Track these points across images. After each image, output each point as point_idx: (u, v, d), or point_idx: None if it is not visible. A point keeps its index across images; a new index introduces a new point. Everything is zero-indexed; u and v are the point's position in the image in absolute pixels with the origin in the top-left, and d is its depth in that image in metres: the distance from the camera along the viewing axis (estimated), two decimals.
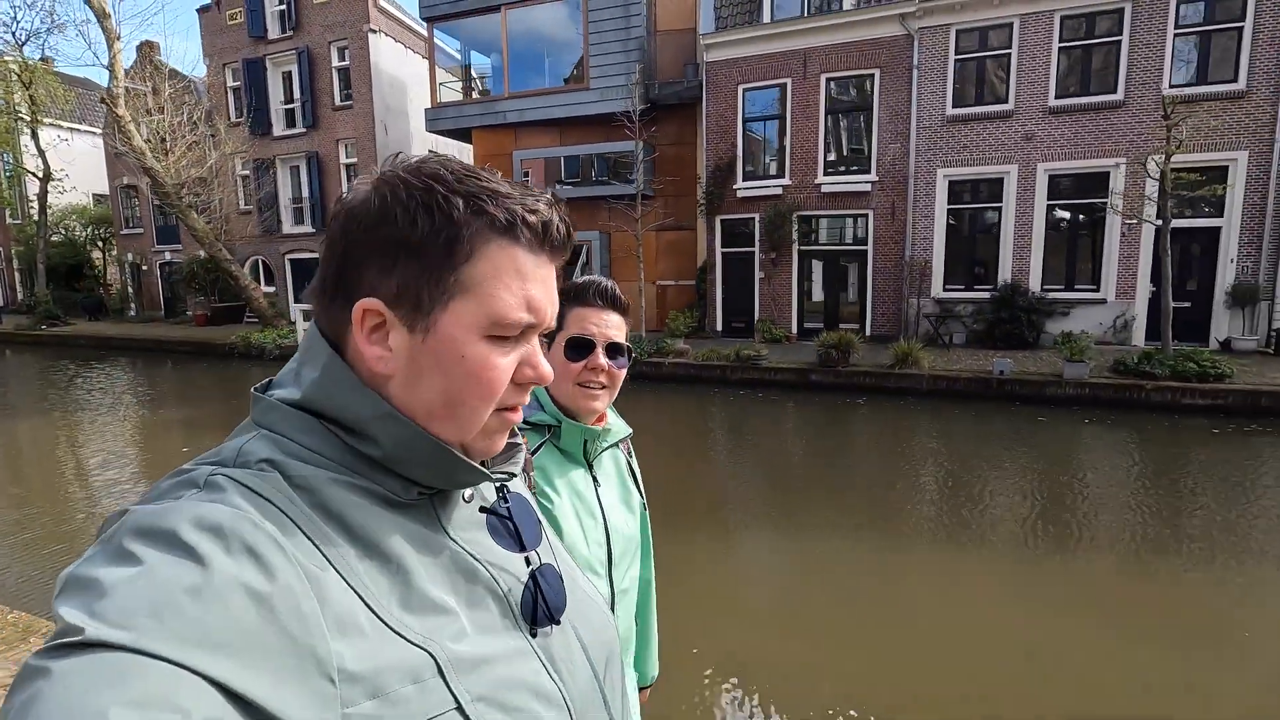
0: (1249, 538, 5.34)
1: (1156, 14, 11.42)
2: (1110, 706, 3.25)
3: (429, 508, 0.58)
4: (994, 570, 4.88)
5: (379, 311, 0.53)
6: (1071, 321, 12.33)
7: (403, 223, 0.52)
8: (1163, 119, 9.83)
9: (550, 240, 0.57)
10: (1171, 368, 9.65)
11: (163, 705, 0.35)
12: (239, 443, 0.53)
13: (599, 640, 0.66)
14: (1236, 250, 11.44)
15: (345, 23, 18.76)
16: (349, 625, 0.46)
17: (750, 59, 14.12)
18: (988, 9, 12.27)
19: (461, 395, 0.55)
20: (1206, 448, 7.88)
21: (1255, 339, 11.34)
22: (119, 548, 0.42)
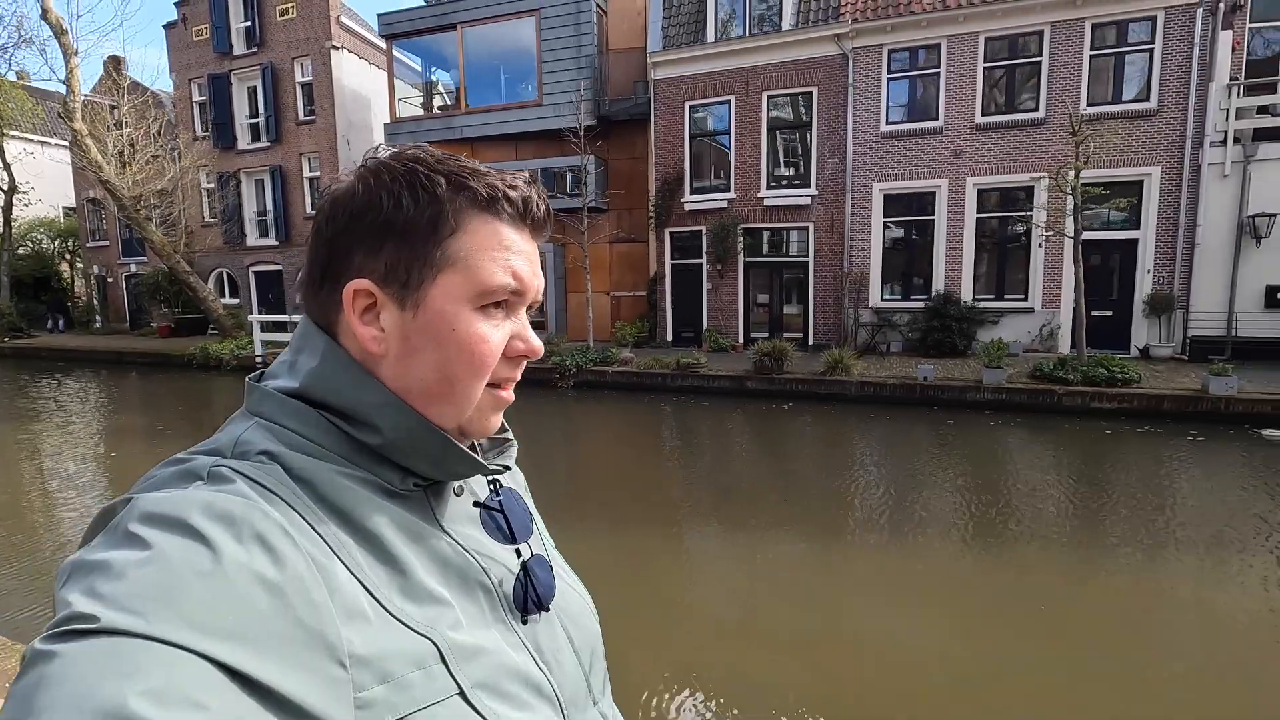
0: (1103, 529, 5.68)
1: (1073, 36, 11.96)
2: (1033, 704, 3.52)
3: (424, 500, 0.59)
4: (882, 564, 5.17)
5: (370, 291, 0.55)
6: (1001, 330, 12.75)
7: (387, 205, 0.54)
8: (1071, 135, 10.29)
9: (531, 216, 0.59)
10: (1084, 373, 10.04)
11: (181, 696, 0.35)
12: (235, 432, 0.53)
13: (584, 634, 0.66)
14: (1153, 261, 11.92)
15: (308, 39, 19.09)
16: (356, 613, 0.46)
17: (696, 77, 14.57)
18: (917, 30, 12.78)
19: (455, 369, 0.56)
20: (1097, 447, 8.26)
21: (1171, 346, 11.80)
22: (126, 532, 0.42)
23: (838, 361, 11.25)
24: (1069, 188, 10.29)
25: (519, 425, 3.10)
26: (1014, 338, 12.61)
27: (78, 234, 25.19)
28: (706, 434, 9.97)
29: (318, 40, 18.99)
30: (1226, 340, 11.55)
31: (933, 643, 3.88)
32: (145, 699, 0.33)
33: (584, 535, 5.67)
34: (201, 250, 20.99)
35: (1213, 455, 7.82)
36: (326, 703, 0.41)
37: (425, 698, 0.47)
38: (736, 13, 14.13)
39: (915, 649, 3.81)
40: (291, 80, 19.54)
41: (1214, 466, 7.48)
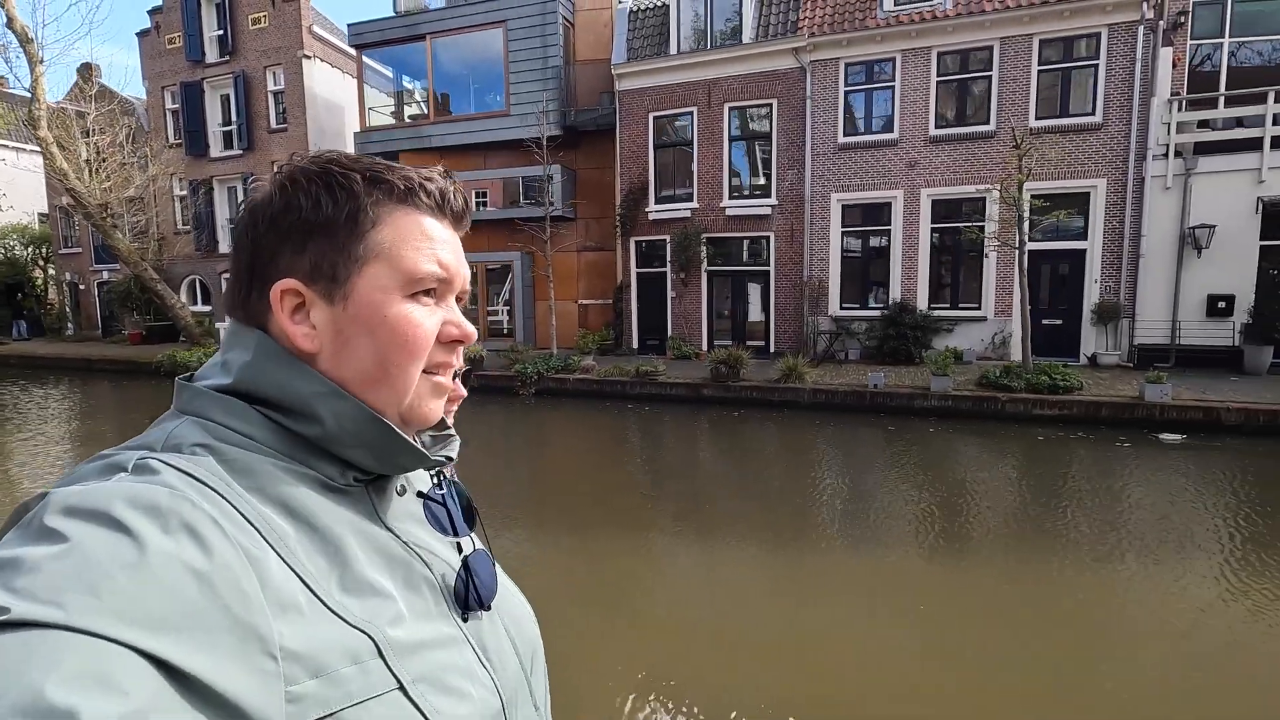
0: (1007, 528, 5.87)
1: (1022, 52, 12.26)
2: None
3: (365, 496, 0.58)
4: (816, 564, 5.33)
5: (297, 290, 0.55)
6: (955, 338, 13.00)
7: (306, 206, 0.54)
8: (1014, 148, 10.55)
9: (450, 208, 0.60)
10: (1027, 381, 10.27)
11: (102, 683, 0.34)
12: (166, 429, 0.53)
13: (523, 634, 0.66)
14: (1100, 271, 12.20)
15: (280, 48, 19.18)
16: (289, 605, 0.45)
17: (659, 88, 14.78)
18: (872, 45, 13.05)
19: (390, 354, 0.56)
20: (1028, 452, 8.50)
21: (1118, 354, 12.07)
22: (41, 527, 0.40)
23: (792, 369, 11.43)
24: (1012, 200, 10.55)
25: (479, 432, 3.26)
26: (968, 346, 12.86)
27: (50, 240, 25.07)
28: (658, 441, 10.12)
29: (290, 49, 19.09)
30: (1170, 348, 11.84)
31: (846, 631, 4.03)
32: (63, 687, 0.33)
33: (535, 538, 5.81)
34: (174, 258, 20.99)
35: (1131, 460, 8.04)
36: (254, 695, 0.40)
37: (360, 693, 0.46)
38: (699, 25, 14.36)
39: (828, 637, 3.96)
40: (264, 89, 19.62)
41: (1129, 470, 7.69)
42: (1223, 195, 11.36)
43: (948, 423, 9.99)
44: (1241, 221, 11.31)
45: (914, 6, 12.79)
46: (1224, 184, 11.36)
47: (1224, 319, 11.48)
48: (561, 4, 15.54)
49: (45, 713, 0.32)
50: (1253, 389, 9.92)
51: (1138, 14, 11.51)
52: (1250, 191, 11.23)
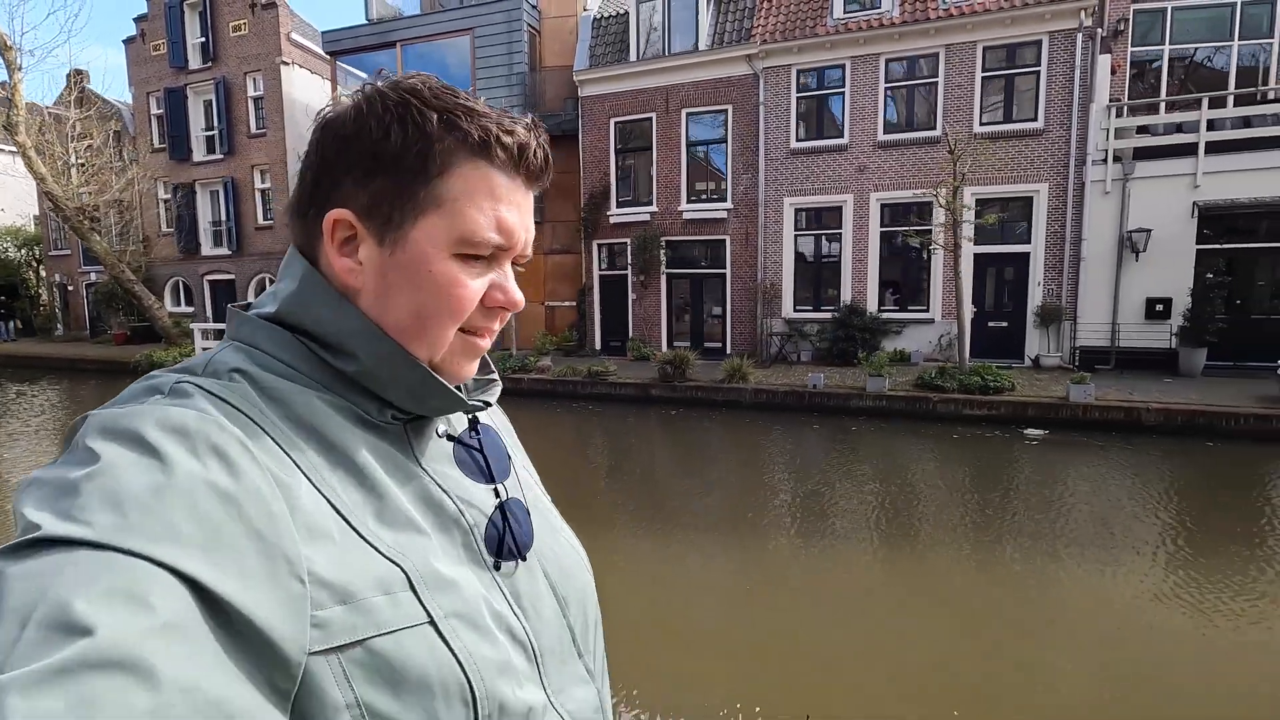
0: (881, 518, 6.11)
1: (966, 59, 12.48)
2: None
3: (402, 435, 0.57)
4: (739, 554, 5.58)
5: (350, 223, 0.54)
6: (904, 340, 13.20)
7: (377, 134, 0.52)
8: (949, 154, 10.77)
9: (526, 164, 0.57)
10: (960, 382, 10.47)
11: (129, 597, 0.34)
12: (210, 354, 0.53)
13: (570, 583, 0.64)
14: (1042, 274, 12.39)
15: (259, 55, 19.59)
16: (319, 532, 0.45)
17: (620, 94, 15.07)
18: (822, 51, 13.30)
19: (429, 310, 0.54)
20: (935, 449, 8.75)
21: (1059, 355, 12.24)
22: (79, 446, 0.42)
23: (736, 370, 11.67)
24: (948, 204, 10.77)
25: None
26: (916, 347, 13.05)
27: (41, 242, 25.61)
28: (591, 438, 10.38)
29: (268, 56, 19.49)
30: (1111, 350, 12.01)
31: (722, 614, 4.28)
32: (90, 602, 0.33)
33: None
34: (157, 260, 21.43)
35: (1034, 455, 8.25)
36: (278, 616, 0.40)
37: (389, 622, 0.45)
38: (658, 33, 14.65)
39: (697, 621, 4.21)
40: (244, 94, 20.03)
41: (1032, 464, 7.90)
42: (1160, 200, 11.54)
43: (877, 422, 10.21)
44: (1178, 226, 11.48)
45: (862, 14, 13.03)
46: (1161, 189, 11.54)
47: (1162, 322, 11.64)
48: (526, 12, 15.86)
49: (67, 626, 0.32)
50: (1181, 390, 10.09)
51: (1076, 22, 11.71)
52: (1186, 196, 11.40)
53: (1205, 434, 8.76)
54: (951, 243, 10.81)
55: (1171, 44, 12.10)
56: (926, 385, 10.73)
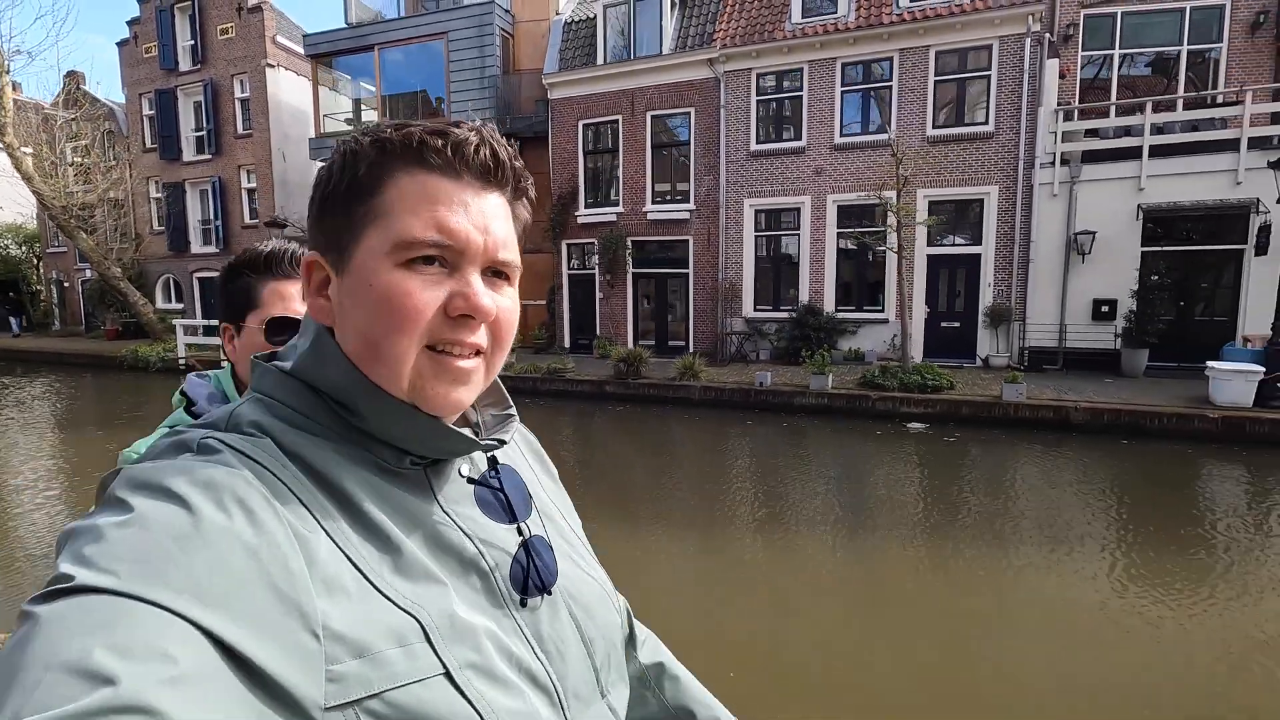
0: (782, 507, 6.39)
1: (919, 63, 12.67)
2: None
3: (423, 479, 0.57)
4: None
5: (320, 263, 0.56)
6: (859, 340, 13.41)
7: (324, 179, 0.55)
8: (892, 158, 10.98)
9: (467, 162, 0.54)
10: (901, 381, 10.69)
11: (149, 650, 0.35)
12: (232, 407, 0.54)
13: (596, 624, 0.63)
14: (993, 275, 12.57)
15: (246, 57, 20.05)
16: (335, 586, 0.46)
17: (587, 97, 15.36)
18: (780, 56, 13.53)
19: (374, 326, 0.53)
20: (856, 446, 8.99)
21: (1008, 355, 12.42)
22: (111, 498, 0.44)
23: (688, 368, 11.95)
24: (892, 207, 10.99)
25: None
26: (871, 346, 13.27)
27: (40, 239, 26.26)
28: (538, 431, 10.66)
29: (254, 58, 19.94)
30: (1059, 350, 12.18)
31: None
32: (111, 652, 0.34)
33: None
34: (148, 257, 21.96)
35: (946, 451, 8.49)
36: (293, 670, 0.40)
37: (404, 675, 0.46)
38: (624, 38, 14.92)
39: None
40: (231, 96, 20.50)
41: (921, 458, 8.16)
42: (1106, 202, 11.70)
43: (815, 419, 10.46)
44: (1123, 228, 11.64)
45: (819, 19, 13.25)
46: (1107, 192, 11.69)
47: (1107, 323, 11.80)
48: (499, 17, 16.18)
49: (90, 675, 0.33)
50: (1116, 391, 10.26)
51: (1025, 27, 11.87)
52: (1131, 199, 11.55)
53: (1128, 433, 8.95)
54: (898, 244, 11.02)
55: (1121, 48, 12.26)
56: (869, 384, 10.96)
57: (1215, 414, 8.86)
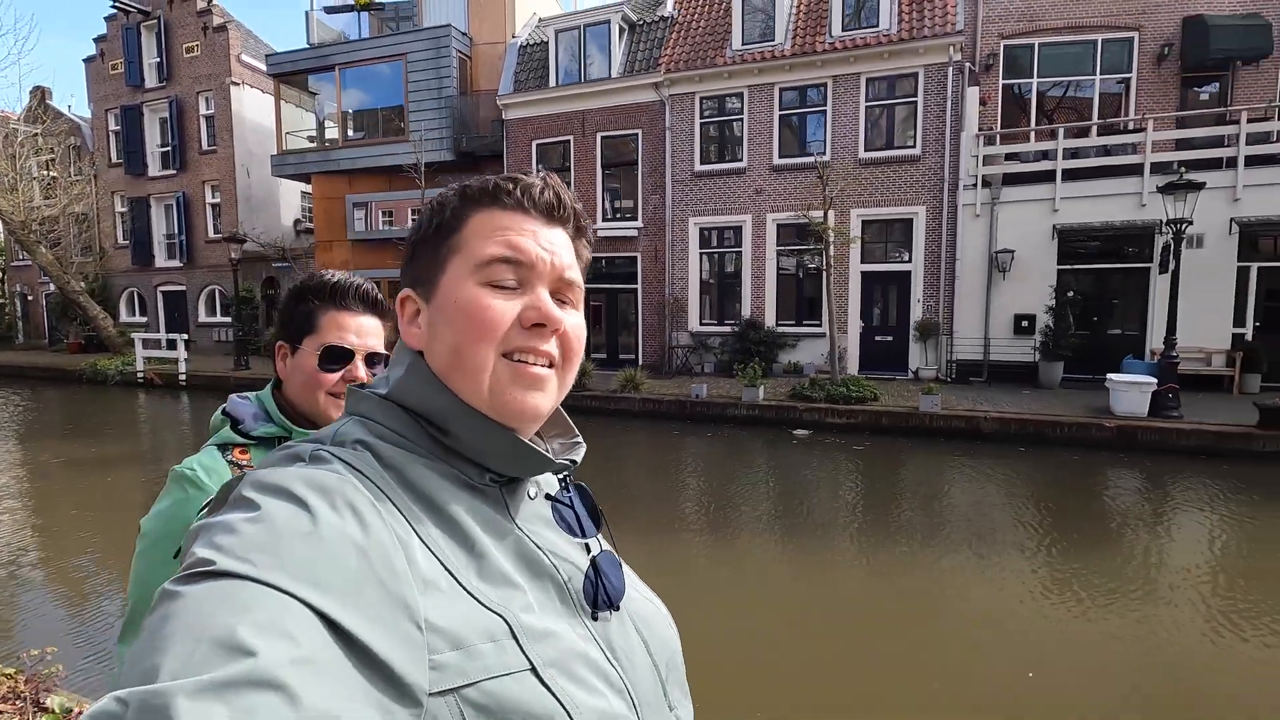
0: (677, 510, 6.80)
1: (851, 89, 13.28)
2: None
3: (499, 496, 0.61)
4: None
5: (411, 297, 0.64)
6: (798, 353, 13.91)
7: (418, 227, 0.65)
8: (818, 179, 11.53)
9: (535, 201, 0.63)
10: (827, 393, 11.17)
11: (278, 630, 0.39)
12: (335, 426, 0.61)
13: (659, 642, 0.66)
14: (922, 291, 13.13)
15: (210, 75, 20.38)
16: (431, 585, 0.50)
17: (540, 118, 15.85)
18: (722, 80, 14.10)
19: (460, 337, 0.60)
20: (767, 453, 9.44)
21: (936, 368, 12.96)
22: (240, 497, 0.49)
23: (630, 380, 12.36)
24: (819, 226, 11.51)
25: None
26: (809, 360, 13.76)
27: (4, 253, 26.27)
28: None
29: (219, 76, 20.27)
30: (984, 363, 12.73)
31: None
32: (251, 629, 0.38)
33: None
34: (113, 271, 22.10)
35: (846, 456, 8.96)
36: (402, 658, 0.44)
37: (497, 667, 0.49)
38: (575, 61, 15.44)
39: None
40: (196, 113, 20.80)
41: (806, 463, 8.62)
42: (1024, 223, 12.31)
43: (744, 429, 10.89)
44: (1040, 247, 12.25)
45: (757, 46, 13.84)
46: (1025, 212, 12.31)
47: (1027, 337, 12.37)
48: (456, 39, 16.65)
49: (234, 648, 0.37)
50: (1028, 401, 10.80)
51: (947, 57, 12.52)
52: (1047, 219, 12.17)
53: (1033, 441, 9.46)
54: (825, 262, 11.53)
55: (1039, 77, 12.93)
56: (798, 396, 11.43)
57: (1111, 423, 9.42)
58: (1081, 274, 12.31)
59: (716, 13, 14.81)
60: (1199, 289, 11.26)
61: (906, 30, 12.75)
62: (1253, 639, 4.22)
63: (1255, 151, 11.06)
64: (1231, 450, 8.78)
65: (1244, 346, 11.07)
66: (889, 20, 12.99)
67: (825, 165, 11.55)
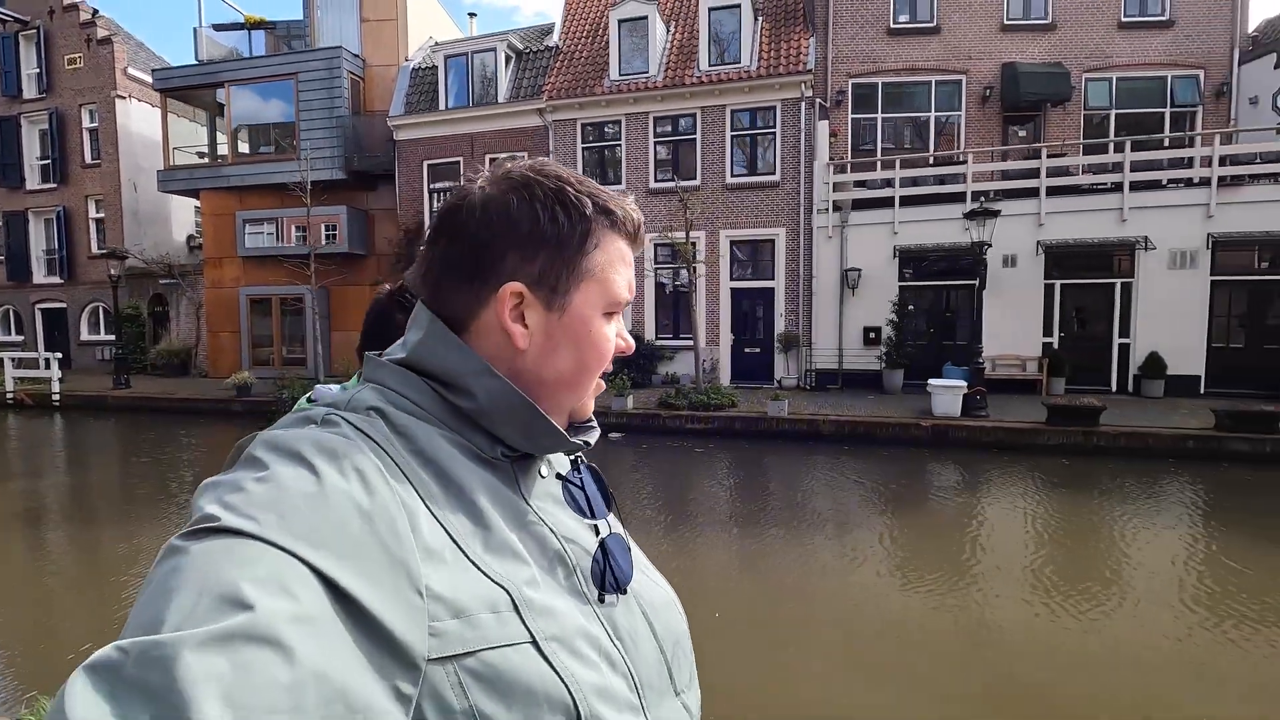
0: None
1: (718, 120, 14.35)
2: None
3: (510, 471, 0.62)
4: None
5: (521, 293, 0.62)
6: (675, 365, 14.74)
7: (544, 219, 0.62)
8: (680, 204, 12.43)
9: (639, 236, 0.69)
10: (690, 401, 11.99)
11: (279, 587, 0.40)
12: (351, 392, 0.61)
13: (663, 620, 0.67)
14: (784, 306, 14.22)
15: (95, 88, 19.88)
16: (435, 553, 0.50)
17: (431, 139, 16.32)
18: (600, 108, 14.94)
19: (589, 363, 0.65)
20: (619, 457, 10.14)
21: (797, 378, 14.04)
22: (250, 456, 0.50)
23: None
24: (680, 247, 12.40)
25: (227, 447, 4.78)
26: (686, 371, 14.60)
27: None
28: None
29: (103, 90, 19.81)
30: (839, 372, 13.88)
31: None
32: (253, 584, 0.39)
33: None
34: None
35: (682, 458, 9.78)
36: (401, 622, 0.45)
37: (497, 638, 0.50)
38: (464, 86, 16.00)
39: None
40: (79, 125, 20.21)
41: (666, 466, 9.42)
42: (870, 244, 13.57)
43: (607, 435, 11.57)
44: (884, 266, 13.52)
45: (633, 77, 14.77)
46: (871, 235, 13.58)
47: (874, 347, 13.59)
48: (347, 61, 16.94)
49: (235, 601, 0.38)
50: (869, 406, 11.90)
51: (799, 93, 13.73)
52: (889, 241, 13.47)
53: (864, 441, 10.49)
54: (689, 280, 12.42)
55: (884, 113, 14.32)
56: (664, 404, 12.22)
57: (928, 423, 10.57)
58: (920, 290, 13.65)
59: (598, 44, 15.69)
60: (1015, 303, 12.71)
61: (765, 68, 13.91)
62: (1003, 595, 5.12)
63: (1055, 183, 12.63)
64: (1024, 444, 10.02)
65: (1050, 354, 12.54)
66: (750, 58, 14.13)
67: (685, 191, 12.46)
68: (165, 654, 0.35)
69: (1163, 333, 12.12)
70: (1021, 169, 13.34)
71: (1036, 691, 3.73)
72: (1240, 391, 11.49)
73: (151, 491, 8.86)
